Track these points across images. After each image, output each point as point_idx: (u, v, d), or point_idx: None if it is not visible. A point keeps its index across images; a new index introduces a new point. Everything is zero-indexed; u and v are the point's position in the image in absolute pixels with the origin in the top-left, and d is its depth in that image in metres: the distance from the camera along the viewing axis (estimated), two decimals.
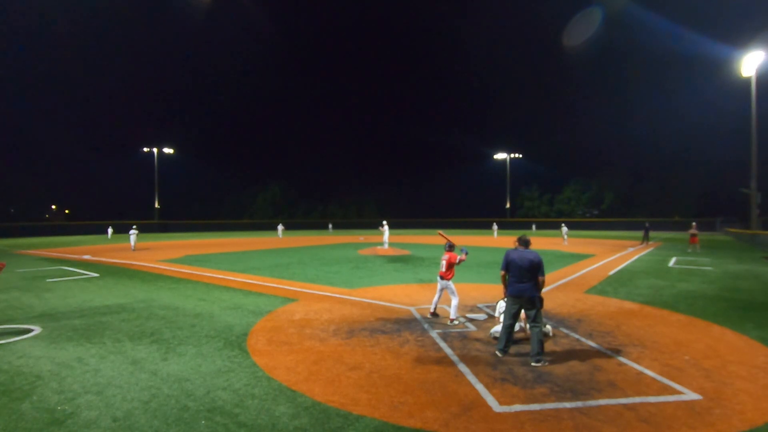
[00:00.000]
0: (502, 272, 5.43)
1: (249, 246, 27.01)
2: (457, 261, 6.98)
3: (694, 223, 23.44)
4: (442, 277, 7.02)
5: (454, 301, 6.89)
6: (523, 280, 5.15)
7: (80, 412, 3.79)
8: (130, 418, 3.68)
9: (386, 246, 23.24)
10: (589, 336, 6.18)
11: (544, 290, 9.56)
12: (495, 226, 43.13)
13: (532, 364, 4.92)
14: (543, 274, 5.18)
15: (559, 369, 4.82)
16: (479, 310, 7.88)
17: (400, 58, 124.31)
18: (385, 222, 24.53)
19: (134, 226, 24.68)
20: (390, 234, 25.43)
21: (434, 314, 7.35)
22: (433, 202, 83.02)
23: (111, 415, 3.72)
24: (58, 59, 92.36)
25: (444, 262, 7.03)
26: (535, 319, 5.08)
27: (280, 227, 42.04)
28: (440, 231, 9.60)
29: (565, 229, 29.70)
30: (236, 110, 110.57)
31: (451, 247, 7.20)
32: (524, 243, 5.42)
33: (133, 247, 23.51)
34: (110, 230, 39.97)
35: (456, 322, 6.79)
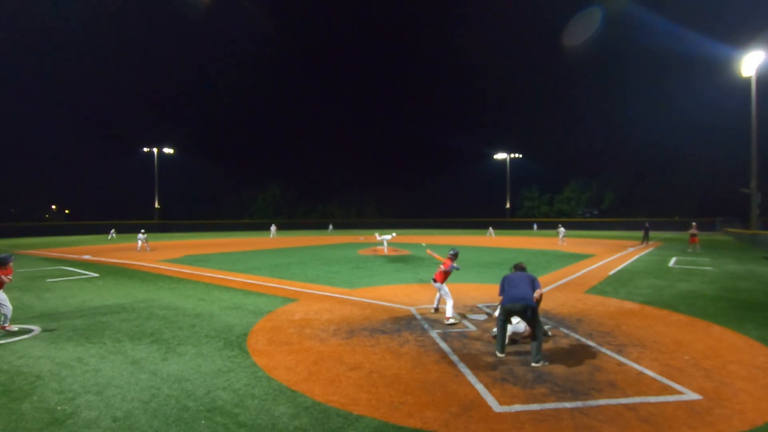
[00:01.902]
0: (500, 297, 5.48)
1: (249, 246, 27.01)
2: (445, 268, 7.22)
3: (694, 223, 23.43)
4: (435, 280, 7.30)
5: (449, 302, 7.05)
6: (520, 285, 5.32)
7: (80, 412, 3.79)
8: (130, 418, 3.68)
9: (384, 246, 23.25)
10: (589, 336, 6.18)
11: (544, 290, 9.60)
12: (491, 230, 42.82)
13: (532, 364, 4.93)
14: (540, 287, 5.45)
15: (559, 369, 4.83)
16: (479, 310, 7.89)
17: (399, 57, 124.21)
18: (382, 235, 24.62)
19: (143, 230, 24.53)
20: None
21: (437, 309, 7.76)
22: (433, 202, 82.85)
23: (111, 415, 3.73)
24: (58, 59, 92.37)
25: (442, 267, 7.30)
26: (533, 321, 5.09)
27: (273, 227, 42.28)
28: (429, 250, 9.90)
29: (562, 230, 29.44)
30: (236, 110, 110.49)
31: (453, 256, 7.32)
32: (520, 269, 5.84)
33: (138, 249, 23.37)
34: (113, 231, 39.82)
35: (452, 320, 6.85)
